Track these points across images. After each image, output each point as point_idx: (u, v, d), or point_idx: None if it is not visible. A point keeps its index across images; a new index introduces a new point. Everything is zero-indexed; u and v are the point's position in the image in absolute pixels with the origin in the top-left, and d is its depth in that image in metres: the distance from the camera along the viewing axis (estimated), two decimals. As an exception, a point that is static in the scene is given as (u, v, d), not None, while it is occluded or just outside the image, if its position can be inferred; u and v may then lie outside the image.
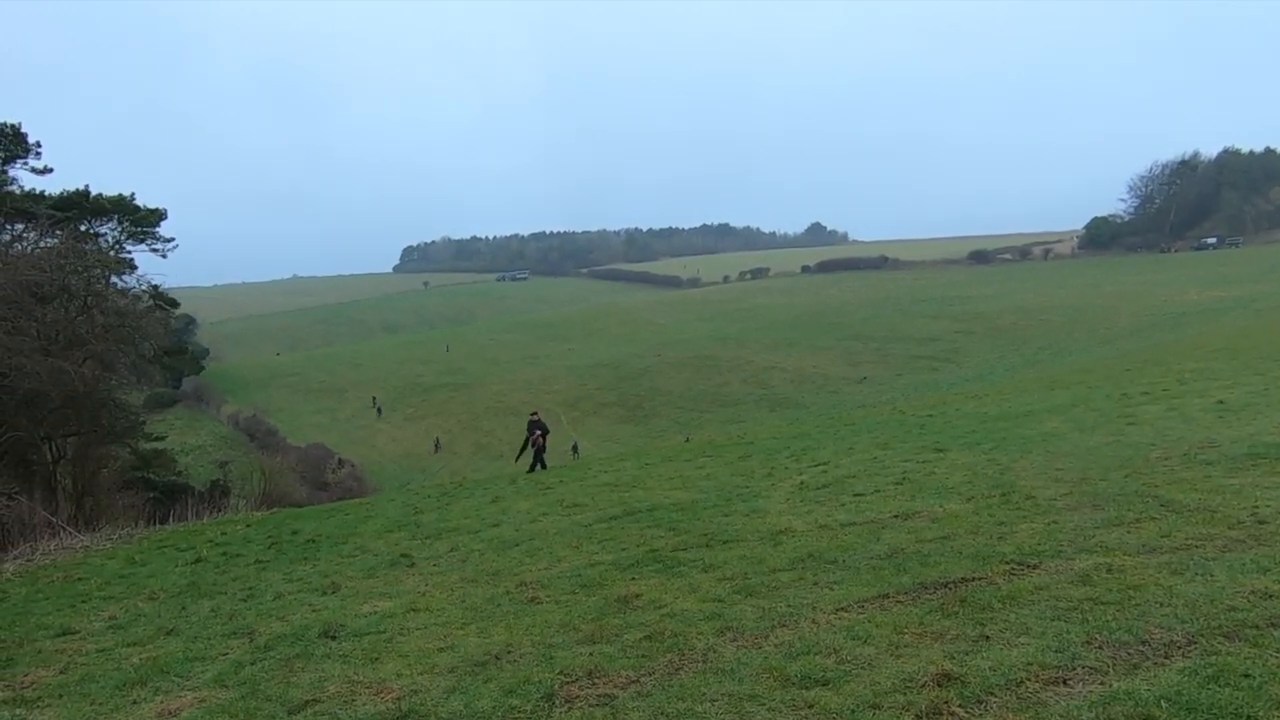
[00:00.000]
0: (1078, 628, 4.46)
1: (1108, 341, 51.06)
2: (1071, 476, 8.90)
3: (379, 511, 14.64)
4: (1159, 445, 10.21)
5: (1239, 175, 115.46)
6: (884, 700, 3.95)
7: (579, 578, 7.43)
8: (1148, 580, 5.01)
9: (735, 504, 10.21)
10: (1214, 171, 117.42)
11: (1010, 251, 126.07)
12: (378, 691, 5.18)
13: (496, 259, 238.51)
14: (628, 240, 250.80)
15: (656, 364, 66.74)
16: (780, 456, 14.51)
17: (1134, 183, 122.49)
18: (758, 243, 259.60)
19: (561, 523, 10.73)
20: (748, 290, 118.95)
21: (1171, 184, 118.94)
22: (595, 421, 55.72)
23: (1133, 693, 3.60)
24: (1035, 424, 13.91)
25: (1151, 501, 7.14)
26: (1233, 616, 4.29)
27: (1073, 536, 6.34)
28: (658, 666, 4.86)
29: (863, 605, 5.43)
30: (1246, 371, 18.27)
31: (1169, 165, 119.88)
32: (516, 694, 4.75)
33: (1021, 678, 3.95)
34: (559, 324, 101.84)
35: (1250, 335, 32.35)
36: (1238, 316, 46.80)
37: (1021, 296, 76.52)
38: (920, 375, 54.79)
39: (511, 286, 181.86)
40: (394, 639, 6.34)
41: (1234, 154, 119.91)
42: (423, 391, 68.69)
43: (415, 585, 8.26)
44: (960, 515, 7.75)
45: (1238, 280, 66.59)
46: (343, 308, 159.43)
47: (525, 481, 16.52)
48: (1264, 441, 9.39)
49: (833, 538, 7.54)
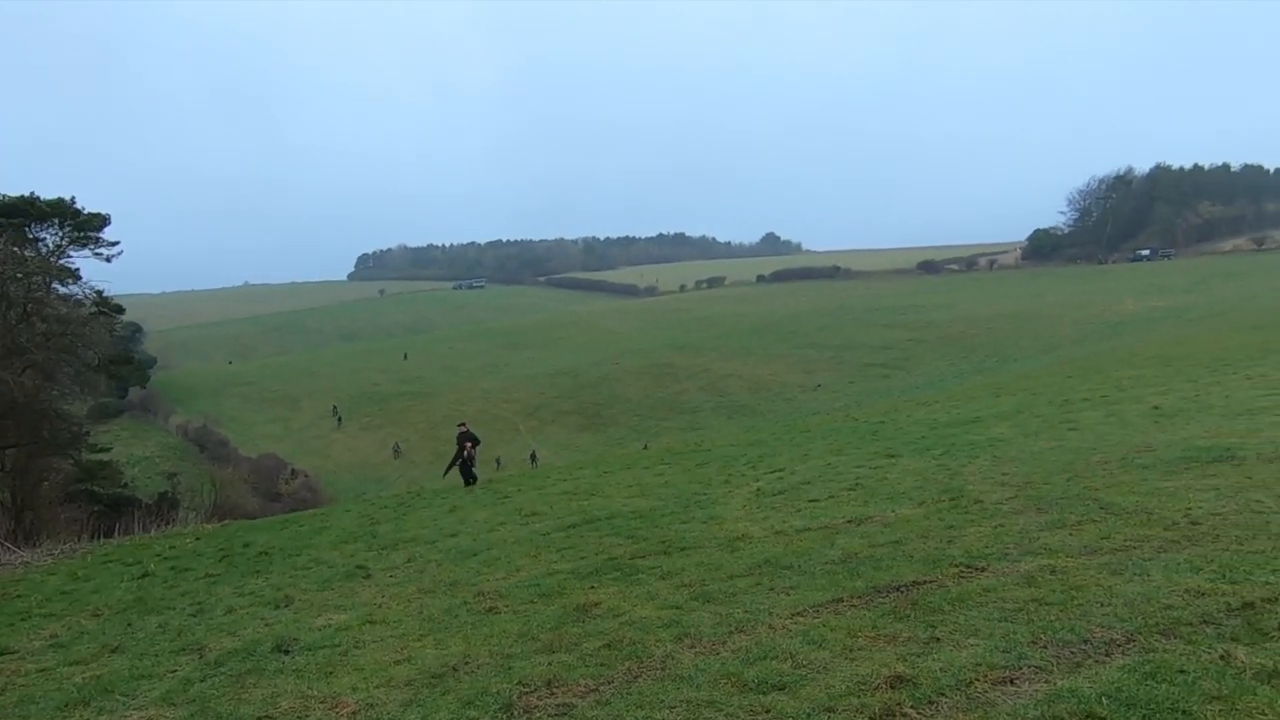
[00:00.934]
0: (1024, 628, 4.60)
1: (1050, 349, 52.80)
2: (1017, 481, 9.18)
3: (334, 522, 14.39)
4: (1099, 450, 10.59)
5: (1170, 190, 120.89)
6: (839, 703, 4.01)
7: (537, 587, 7.39)
8: (1089, 581, 5.18)
9: (693, 511, 10.26)
10: (1147, 186, 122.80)
11: (958, 262, 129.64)
12: (332, 706, 5.07)
13: (454, 267, 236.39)
14: (585, 249, 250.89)
15: (615, 372, 66.78)
16: (737, 463, 14.63)
17: (1073, 196, 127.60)
18: (714, 252, 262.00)
19: (520, 532, 10.65)
20: (705, 299, 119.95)
21: (1108, 198, 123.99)
22: (554, 430, 55.47)
23: (1076, 690, 3.72)
24: (982, 430, 14.29)
25: (1092, 504, 7.40)
26: (1168, 615, 4.46)
27: (1018, 539, 6.53)
28: (616, 675, 4.85)
29: (818, 610, 5.51)
30: (1179, 378, 19.08)
31: (1105, 180, 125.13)
32: (474, 705, 4.70)
33: (971, 678, 4.05)
34: (517, 332, 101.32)
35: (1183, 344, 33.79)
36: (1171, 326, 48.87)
37: (969, 306, 78.65)
38: (873, 382, 55.85)
39: (469, 295, 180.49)
40: (349, 652, 6.22)
41: (1165, 170, 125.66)
42: (380, 400, 67.59)
43: (371, 597, 8.11)
44: (911, 520, 7.92)
45: (1171, 291, 69.55)
46: (297, 315, 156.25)
47: (483, 491, 16.36)
48: (1196, 446, 9.81)
49: (788, 543, 7.63)
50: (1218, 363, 21.97)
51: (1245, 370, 18.86)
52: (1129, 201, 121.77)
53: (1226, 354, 24.71)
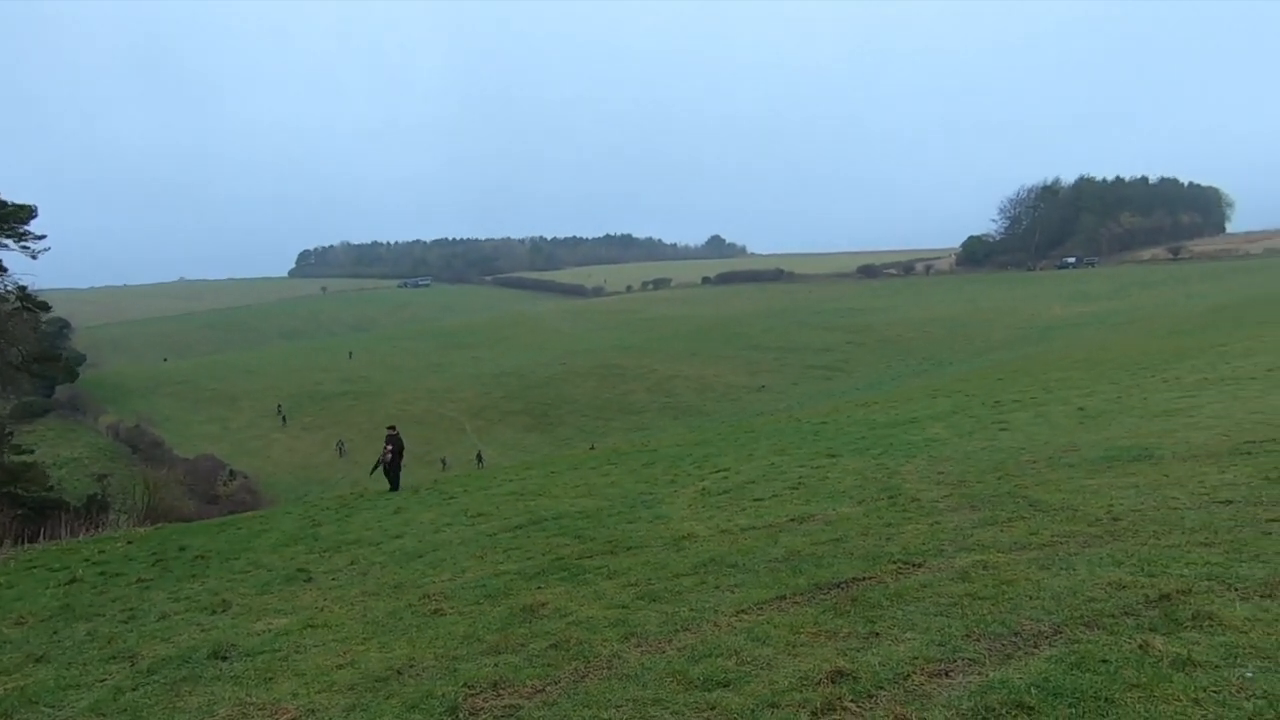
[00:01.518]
0: (958, 622, 4.76)
1: (983, 353, 54.73)
2: (952, 479, 9.49)
3: (274, 525, 14.10)
4: (1028, 449, 11.03)
5: (1094, 200, 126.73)
6: (782, 699, 4.08)
7: (484, 588, 7.33)
8: (1019, 575, 5.39)
9: (640, 511, 10.31)
10: (1073, 196, 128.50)
11: (896, 267, 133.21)
12: (272, 713, 4.94)
13: (398, 265, 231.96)
14: (532, 249, 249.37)
15: (562, 373, 66.49)
16: (683, 464, 14.75)
17: (1004, 205, 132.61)
18: (660, 254, 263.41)
19: (466, 533, 10.57)
20: (651, 300, 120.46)
21: (1036, 207, 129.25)
22: (501, 430, 54.92)
23: (1007, 681, 3.87)
24: (919, 430, 14.73)
25: (1022, 502, 7.70)
26: (1092, 607, 4.68)
27: (953, 536, 6.76)
28: (563, 675, 4.85)
29: (761, 607, 5.60)
30: (1103, 381, 20.01)
31: (1034, 189, 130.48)
32: (419, 709, 4.64)
33: (908, 671, 4.17)
34: (463, 332, 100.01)
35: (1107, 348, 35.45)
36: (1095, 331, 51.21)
37: (907, 310, 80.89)
38: (815, 384, 56.96)
39: (414, 293, 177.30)
40: (290, 657, 6.08)
41: (1089, 181, 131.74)
42: (321, 400, 65.81)
43: (313, 601, 7.95)
44: (852, 518, 8.12)
45: (1095, 298, 72.85)
46: (235, 312, 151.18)
47: (429, 492, 16.15)
48: (1118, 445, 10.31)
49: (733, 542, 7.73)
50: (1137, 366, 23.12)
51: (1162, 374, 19.89)
52: (1056, 211, 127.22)
53: (1145, 358, 26.03)
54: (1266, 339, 26.31)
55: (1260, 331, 29.41)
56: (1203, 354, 24.36)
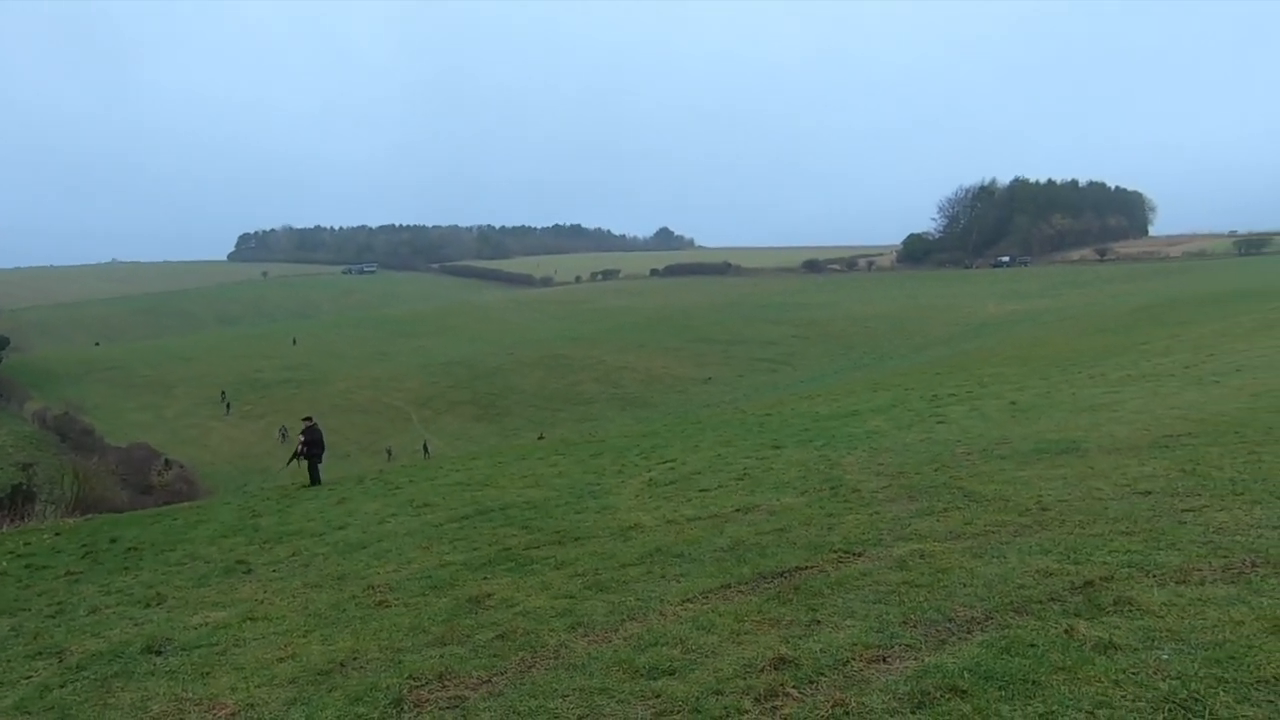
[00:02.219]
0: (896, 609, 4.91)
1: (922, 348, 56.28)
2: (891, 471, 9.76)
3: (212, 516, 13.76)
4: (963, 442, 11.41)
5: (1028, 202, 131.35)
6: (726, 686, 4.15)
7: (429, 579, 7.27)
8: (954, 564, 5.59)
9: (587, 501, 10.33)
10: (1008, 197, 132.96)
11: (839, 263, 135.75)
12: (210, 708, 4.80)
13: (342, 251, 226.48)
14: (480, 237, 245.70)
15: (510, 363, 65.89)
16: (630, 454, 14.81)
17: (943, 204, 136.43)
18: (608, 245, 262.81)
19: (411, 523, 10.44)
20: (600, 291, 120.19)
21: (973, 207, 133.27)
22: (447, 420, 54.17)
23: (941, 666, 4.01)
24: (860, 423, 15.09)
25: (957, 493, 7.97)
26: (1021, 593, 4.88)
27: (892, 526, 6.96)
28: (510, 665, 4.83)
29: (707, 596, 5.68)
30: (1034, 377, 20.81)
31: (971, 189, 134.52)
32: (363, 702, 4.57)
33: (848, 657, 4.28)
34: (410, 320, 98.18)
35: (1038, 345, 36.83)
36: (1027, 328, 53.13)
37: (849, 305, 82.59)
38: (760, 376, 57.72)
39: (358, 280, 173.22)
40: (228, 651, 5.93)
41: (1023, 183, 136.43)
42: (262, 388, 63.80)
43: (252, 593, 7.76)
44: (795, 508, 8.28)
45: (1027, 296, 75.57)
46: (171, 297, 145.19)
47: (373, 482, 15.87)
48: (1047, 439, 10.75)
49: (679, 532, 7.81)
50: (1066, 363, 24.11)
51: (1089, 370, 20.79)
52: (992, 211, 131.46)
53: (1074, 355, 27.16)
54: (1184, 338, 27.75)
55: (1179, 331, 30.99)
56: (1126, 352, 25.55)
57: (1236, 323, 31.30)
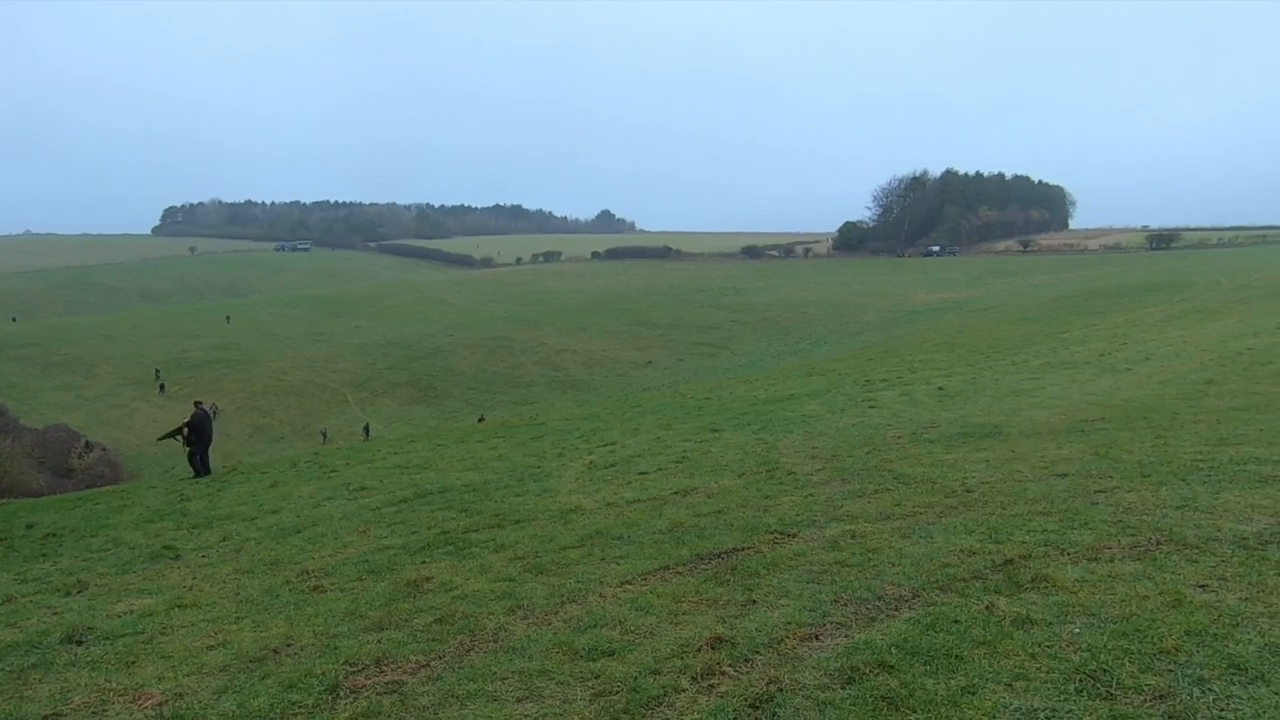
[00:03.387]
0: (828, 588, 5.06)
1: (855, 334, 57.71)
2: (825, 454, 10.03)
3: (137, 500, 13.22)
4: (894, 426, 11.80)
5: (957, 193, 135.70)
6: (664, 665, 4.22)
7: (366, 563, 7.15)
8: (883, 544, 5.79)
9: (527, 484, 10.31)
10: (938, 188, 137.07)
11: (777, 249, 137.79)
12: (135, 699, 4.62)
13: (275, 227, 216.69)
14: (419, 216, 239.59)
15: (449, 344, 64.71)
16: (571, 437, 14.80)
17: (877, 193, 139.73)
18: (550, 226, 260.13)
19: (347, 507, 10.24)
20: (541, 273, 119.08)
21: (906, 197, 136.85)
22: (385, 402, 52.95)
23: (871, 643, 4.16)
24: (796, 407, 15.43)
25: (887, 475, 8.25)
26: (946, 572, 5.09)
27: (825, 507, 7.16)
28: (448, 649, 4.80)
29: (646, 578, 5.74)
30: (960, 363, 21.62)
31: (904, 180, 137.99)
32: (297, 689, 4.47)
33: (782, 636, 4.40)
34: (346, 300, 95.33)
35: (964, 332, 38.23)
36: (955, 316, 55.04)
37: (786, 291, 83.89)
38: (700, 360, 58.25)
39: (292, 257, 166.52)
40: (154, 640, 5.71)
41: (954, 174, 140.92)
42: (190, 368, 61.01)
43: (181, 579, 7.49)
44: (732, 490, 8.44)
45: (955, 285, 78.16)
46: (91, 271, 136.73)
47: (308, 465, 15.45)
48: (973, 423, 11.21)
49: (619, 515, 7.87)
50: (991, 350, 25.12)
51: (1012, 357, 21.71)
52: (923, 202, 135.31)
53: (998, 343, 28.30)
54: (1100, 327, 29.22)
55: (1095, 321, 32.60)
56: (1046, 340, 26.76)
57: (1147, 313, 33.13)
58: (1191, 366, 15.86)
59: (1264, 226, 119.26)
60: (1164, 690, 3.36)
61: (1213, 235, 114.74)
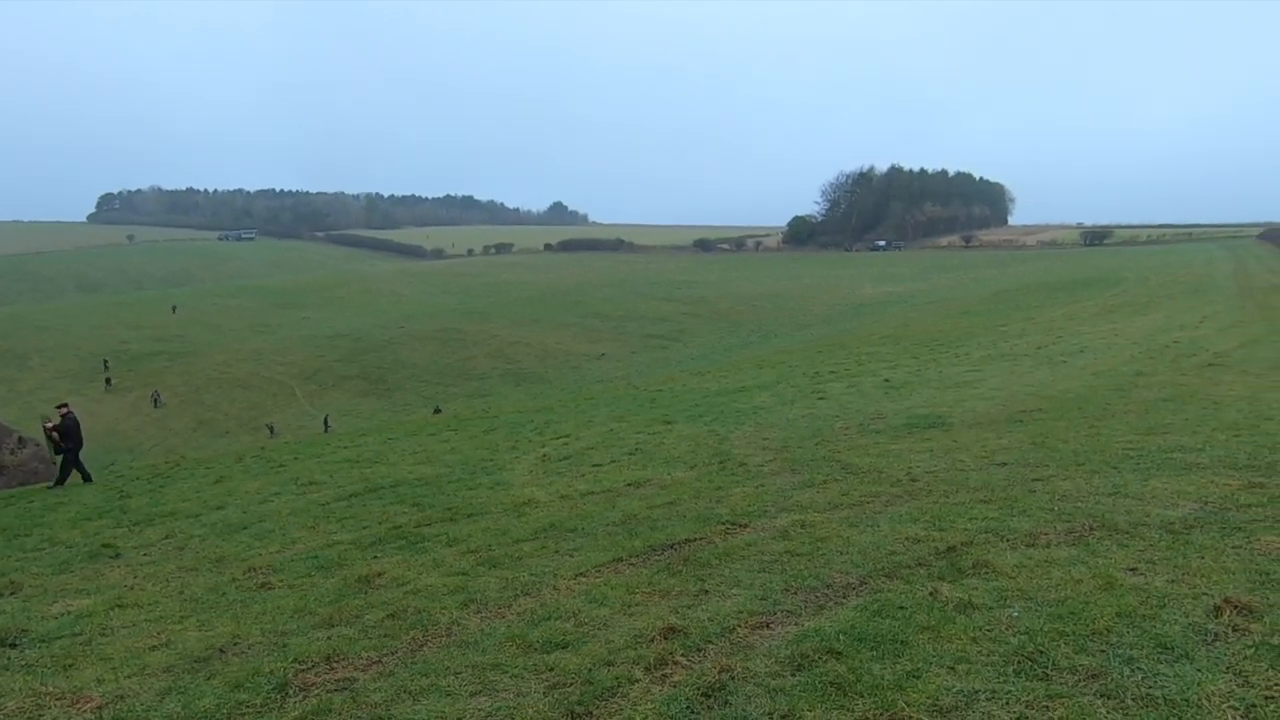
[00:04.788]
0: (778, 577, 5.15)
1: (805, 327, 58.61)
2: (775, 445, 10.19)
3: (74, 497, 12.81)
4: (841, 417, 12.05)
5: (902, 189, 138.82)
6: (618, 657, 4.24)
7: (316, 559, 7.01)
8: (832, 533, 5.92)
9: (480, 477, 10.23)
10: (884, 184, 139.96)
11: (728, 242, 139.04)
12: (73, 702, 4.44)
13: (218, 215, 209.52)
14: (368, 205, 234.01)
15: (400, 336, 63.55)
16: (524, 430, 14.72)
17: (825, 188, 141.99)
18: (502, 217, 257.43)
19: (296, 502, 10.03)
20: (493, 265, 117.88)
21: (854, 192, 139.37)
22: (335, 395, 51.72)
23: (820, 630, 4.25)
24: (747, 399, 15.62)
25: (835, 465, 8.43)
26: (892, 559, 5.24)
27: (776, 498, 7.28)
28: (400, 645, 4.75)
29: (599, 570, 5.77)
30: (905, 356, 22.16)
31: (852, 175, 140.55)
32: (245, 688, 4.36)
33: (734, 625, 4.47)
34: (293, 290, 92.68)
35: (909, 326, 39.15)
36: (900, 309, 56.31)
37: (738, 284, 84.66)
38: (652, 353, 58.40)
39: (237, 247, 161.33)
40: (93, 641, 5.50)
41: (899, 171, 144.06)
42: (130, 360, 58.56)
43: (121, 579, 7.24)
44: (685, 482, 8.52)
45: (901, 279, 79.97)
46: (22, 260, 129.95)
47: (254, 460, 15.04)
48: (917, 414, 11.52)
49: (573, 507, 7.87)
50: (934, 343, 25.80)
51: (954, 350, 22.34)
52: (870, 197, 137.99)
53: (941, 336, 29.07)
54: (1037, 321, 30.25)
55: (1033, 315, 33.74)
56: (987, 333, 27.59)
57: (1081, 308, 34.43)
58: (1122, 359, 16.58)
59: (1189, 225, 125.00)
60: (1096, 670, 3.52)
61: (1142, 233, 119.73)
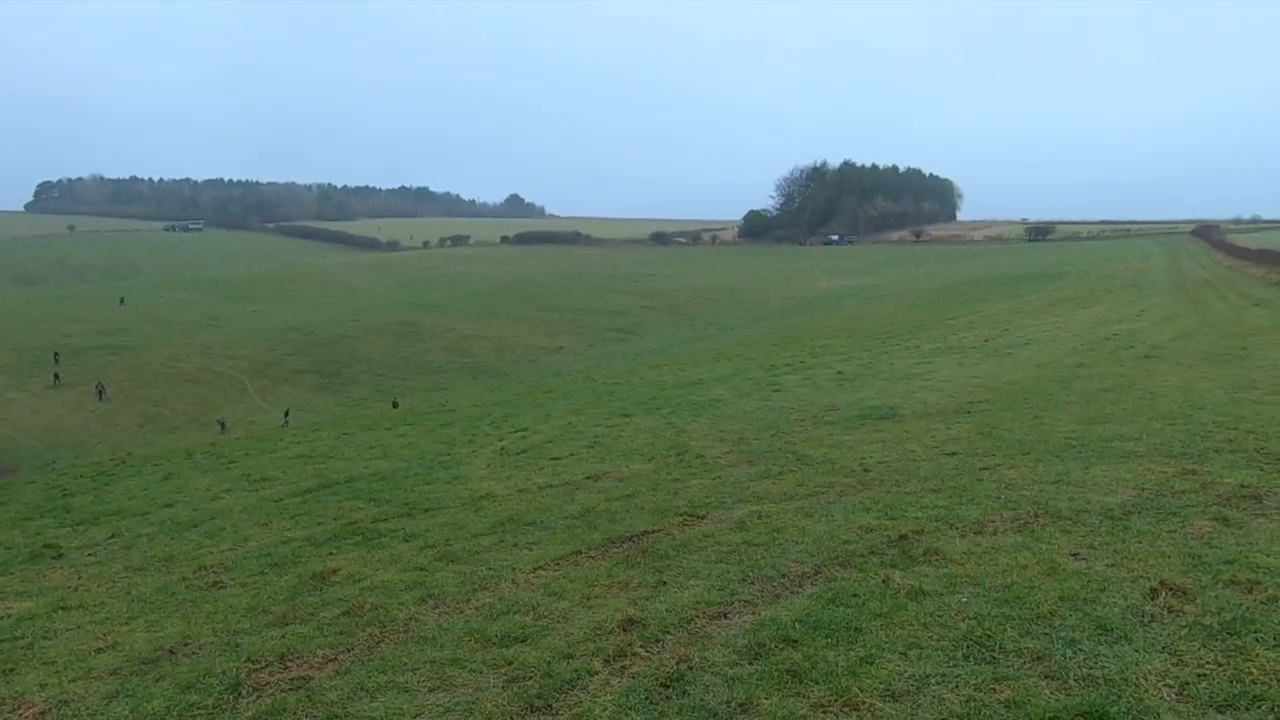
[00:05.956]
0: (735, 568, 5.22)
1: (760, 320, 59.25)
2: (732, 437, 10.30)
3: (13, 496, 12.51)
4: (797, 409, 12.23)
5: (855, 184, 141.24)
6: (577, 649, 4.25)
7: (269, 557, 6.86)
8: (787, 523, 6.01)
9: (437, 472, 10.13)
10: (837, 179, 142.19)
11: (685, 236, 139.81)
12: (15, 708, 4.27)
13: (163, 205, 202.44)
14: (320, 196, 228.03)
15: (354, 330, 62.28)
16: (482, 424, 14.61)
17: (780, 183, 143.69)
18: (458, 210, 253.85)
19: (248, 499, 9.81)
20: (449, 258, 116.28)
21: (807, 187, 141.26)
22: (287, 389, 50.46)
23: (776, 619, 4.32)
24: (704, 391, 15.74)
25: (791, 457, 8.56)
26: (846, 548, 5.35)
27: (733, 489, 7.37)
28: (357, 642, 4.68)
29: (558, 563, 5.76)
30: (859, 348, 22.58)
31: (806, 170, 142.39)
32: (196, 689, 4.25)
33: (692, 615, 4.51)
34: (243, 283, 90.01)
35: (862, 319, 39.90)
36: (853, 303, 57.33)
37: (694, 277, 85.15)
38: (610, 346, 58.40)
39: (183, 238, 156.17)
40: (35, 644, 5.31)
41: (851, 166, 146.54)
42: (72, 355, 56.13)
43: (64, 579, 7.00)
44: (643, 474, 8.56)
45: (853, 273, 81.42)
46: None
47: (204, 456, 14.62)
48: (870, 405, 11.75)
49: (531, 500, 7.85)
50: (886, 336, 26.35)
51: (905, 342, 22.84)
52: (823, 192, 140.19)
53: (892, 329, 29.69)
54: (984, 314, 31.09)
55: (980, 308, 34.67)
56: (936, 326, 28.27)
57: (1026, 301, 35.50)
58: (1065, 351, 17.15)
59: (1127, 221, 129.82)
60: (1040, 652, 3.65)
61: (1083, 229, 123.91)
